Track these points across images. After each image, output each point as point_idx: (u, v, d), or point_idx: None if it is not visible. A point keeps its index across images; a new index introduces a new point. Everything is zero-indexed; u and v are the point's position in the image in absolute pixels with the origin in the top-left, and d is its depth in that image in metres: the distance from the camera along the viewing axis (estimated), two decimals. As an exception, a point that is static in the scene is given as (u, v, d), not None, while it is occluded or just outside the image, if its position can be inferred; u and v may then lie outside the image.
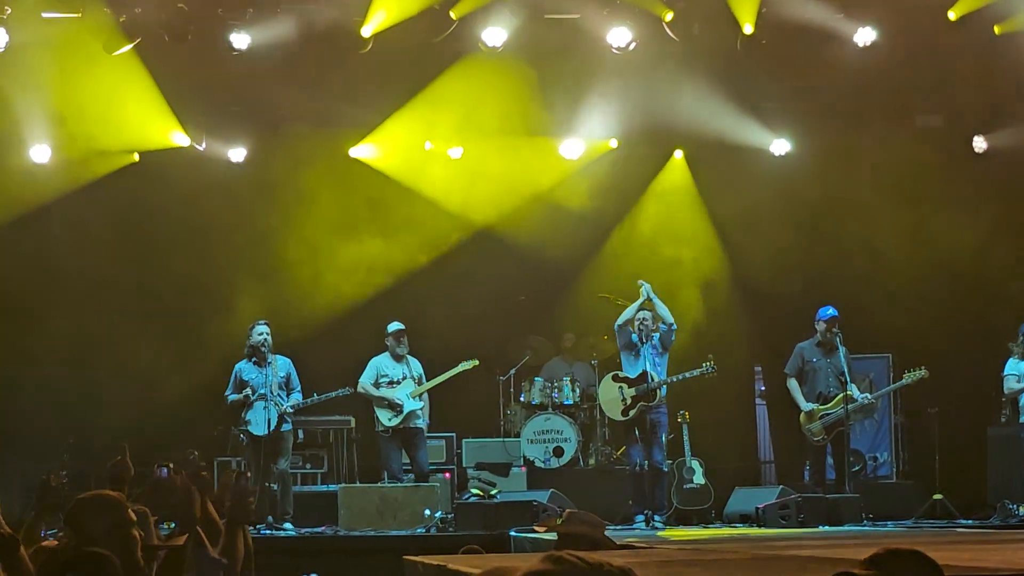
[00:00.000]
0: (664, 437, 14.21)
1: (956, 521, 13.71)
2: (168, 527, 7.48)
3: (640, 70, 14.87)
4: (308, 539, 13.23)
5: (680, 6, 14.33)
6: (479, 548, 8.82)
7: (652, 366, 14.07)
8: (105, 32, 14.17)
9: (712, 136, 15.99)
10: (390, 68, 15.00)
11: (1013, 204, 16.01)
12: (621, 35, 14.38)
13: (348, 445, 15.42)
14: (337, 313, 16.14)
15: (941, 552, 3.16)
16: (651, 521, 13.73)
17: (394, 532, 13.23)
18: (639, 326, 14.20)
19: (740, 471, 15.63)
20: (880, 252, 16.26)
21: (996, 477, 14.74)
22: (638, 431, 14.16)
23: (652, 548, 9.04)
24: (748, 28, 14.39)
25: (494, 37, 14.37)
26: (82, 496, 5.26)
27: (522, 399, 16.16)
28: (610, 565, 2.49)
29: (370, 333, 15.11)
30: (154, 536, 5.67)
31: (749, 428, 16.30)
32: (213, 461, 14.27)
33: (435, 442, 15.10)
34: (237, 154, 16.24)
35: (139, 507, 5.77)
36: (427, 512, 13.45)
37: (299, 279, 16.15)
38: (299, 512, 13.88)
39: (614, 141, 16.54)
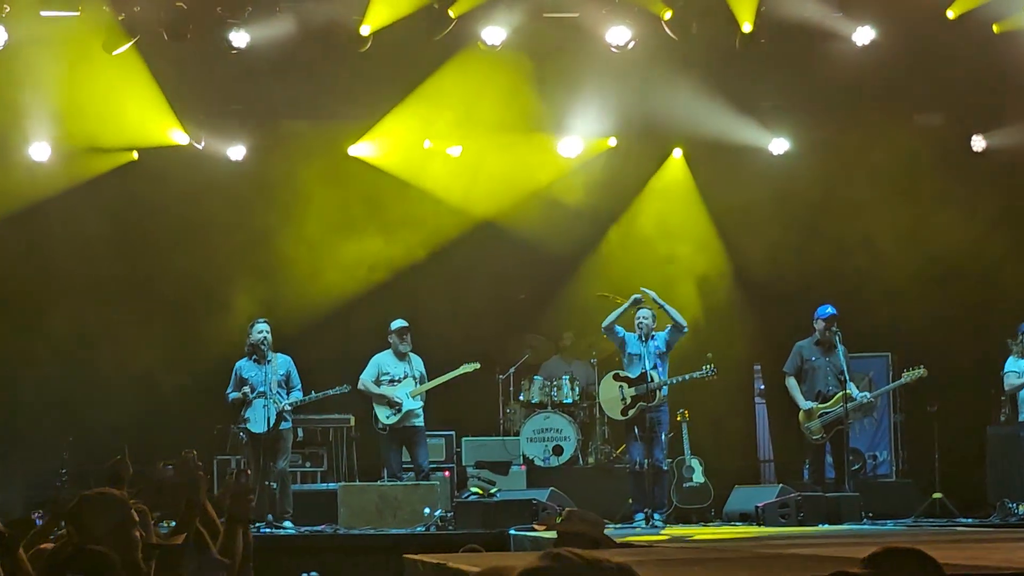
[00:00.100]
0: (664, 436, 14.21)
1: (955, 520, 13.71)
2: (167, 526, 7.47)
3: (639, 68, 14.87)
4: (308, 537, 13.24)
5: (679, 5, 14.32)
6: (480, 548, 8.82)
7: (653, 366, 14.06)
8: (104, 31, 14.17)
9: (711, 135, 15.99)
10: (389, 66, 15.00)
11: (1012, 203, 16.01)
12: (620, 34, 14.38)
13: (348, 444, 15.41)
14: (336, 310, 16.14)
15: (941, 551, 3.16)
16: (650, 520, 13.72)
17: (394, 530, 13.23)
18: (638, 325, 14.19)
19: (740, 470, 15.62)
20: (879, 251, 16.26)
21: (995, 476, 14.74)
22: (638, 430, 14.15)
23: (651, 547, 9.04)
24: (747, 27, 14.39)
25: (493, 35, 14.37)
26: (86, 494, 5.25)
27: (521, 398, 16.16)
28: (608, 562, 2.49)
29: (369, 331, 15.12)
30: (153, 535, 5.65)
31: (749, 427, 16.30)
32: (213, 460, 14.28)
33: (435, 440, 15.09)
34: (236, 152, 16.23)
35: (139, 506, 5.77)
36: (427, 511, 13.45)
37: (298, 277, 16.14)
38: (299, 511, 13.88)
39: (613, 139, 16.54)
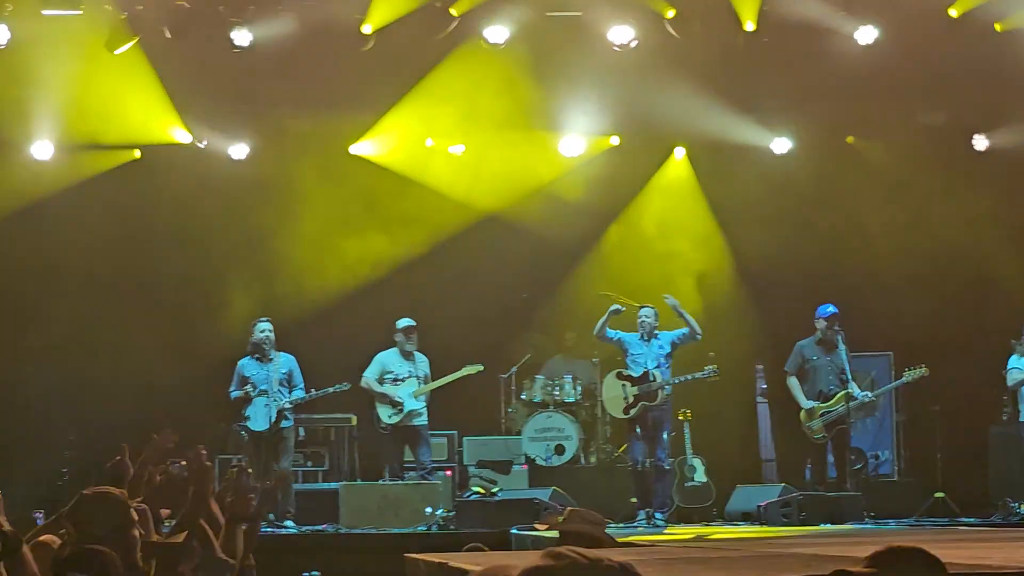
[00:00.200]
0: (667, 435, 14.20)
1: (958, 519, 13.70)
2: (168, 524, 7.47)
3: (641, 67, 14.86)
4: (309, 537, 13.24)
5: (682, 3, 14.32)
6: (483, 547, 8.80)
7: (656, 366, 14.05)
8: (107, 29, 14.17)
9: (713, 133, 15.98)
10: (391, 65, 15.00)
11: (1014, 202, 15.99)
12: (623, 33, 14.38)
13: (349, 443, 15.41)
14: (338, 308, 16.12)
15: (943, 550, 3.15)
16: (652, 519, 13.71)
17: (395, 530, 13.22)
18: (640, 323, 14.19)
19: (741, 469, 15.60)
20: (881, 250, 16.24)
21: (997, 475, 14.74)
22: (640, 429, 14.14)
23: (654, 546, 9.03)
24: (750, 25, 14.39)
25: (495, 34, 14.38)
26: (85, 493, 5.25)
27: (523, 397, 16.14)
28: (610, 561, 2.48)
29: (371, 329, 15.13)
30: (153, 534, 5.65)
31: (750, 426, 16.27)
32: (214, 459, 14.26)
33: (436, 440, 15.08)
34: (238, 151, 16.23)
35: (140, 505, 5.76)
36: (428, 510, 13.44)
37: (300, 275, 16.13)
38: (300, 510, 13.87)
39: (615, 138, 16.53)
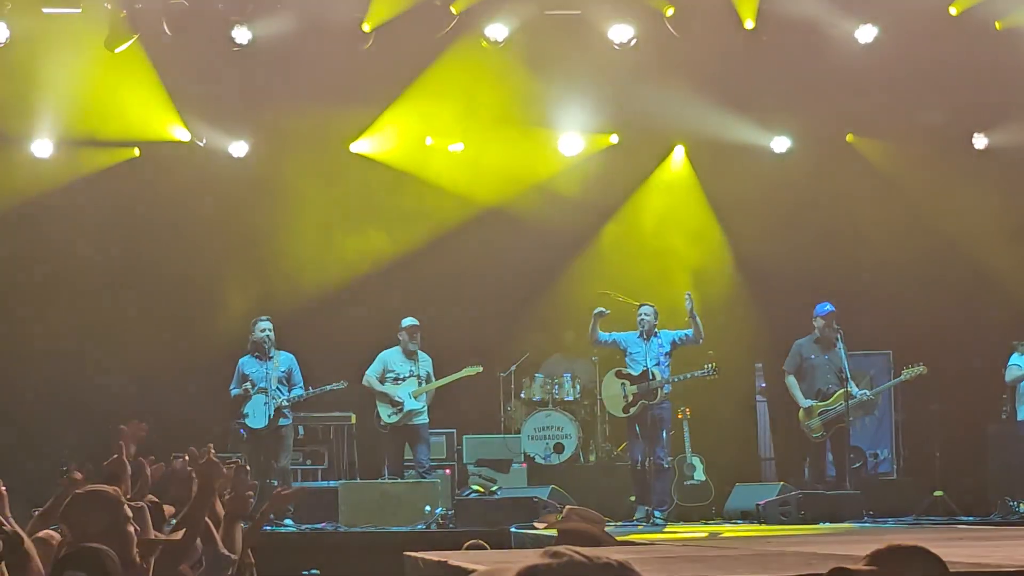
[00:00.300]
0: (666, 433, 14.20)
1: (957, 518, 13.70)
2: (170, 523, 7.47)
3: (641, 66, 14.86)
4: (309, 535, 13.23)
5: (681, 2, 14.32)
6: (484, 543, 8.80)
7: (656, 364, 14.05)
8: (106, 28, 14.16)
9: (712, 132, 15.97)
10: (391, 63, 15.00)
11: (1014, 201, 15.99)
12: (622, 31, 14.38)
13: (348, 441, 15.40)
14: (337, 306, 16.11)
15: (942, 549, 3.14)
16: (651, 517, 13.71)
17: (394, 528, 13.22)
18: (640, 321, 14.18)
19: (740, 468, 15.60)
20: (881, 249, 16.24)
21: (996, 474, 14.73)
22: (639, 428, 14.14)
23: (653, 544, 9.03)
24: (749, 24, 14.39)
25: (495, 32, 14.39)
26: (78, 492, 5.26)
27: (522, 395, 16.13)
28: (609, 559, 2.48)
29: (370, 327, 15.15)
30: (150, 531, 5.65)
31: (749, 425, 16.28)
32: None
33: (436, 438, 15.08)
34: (238, 149, 16.21)
35: (138, 503, 5.76)
36: (427, 508, 13.44)
37: (300, 274, 16.13)
38: (300, 508, 13.86)
39: (615, 136, 16.53)
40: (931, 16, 14.45)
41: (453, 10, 14.11)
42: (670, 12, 14.27)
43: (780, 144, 16.37)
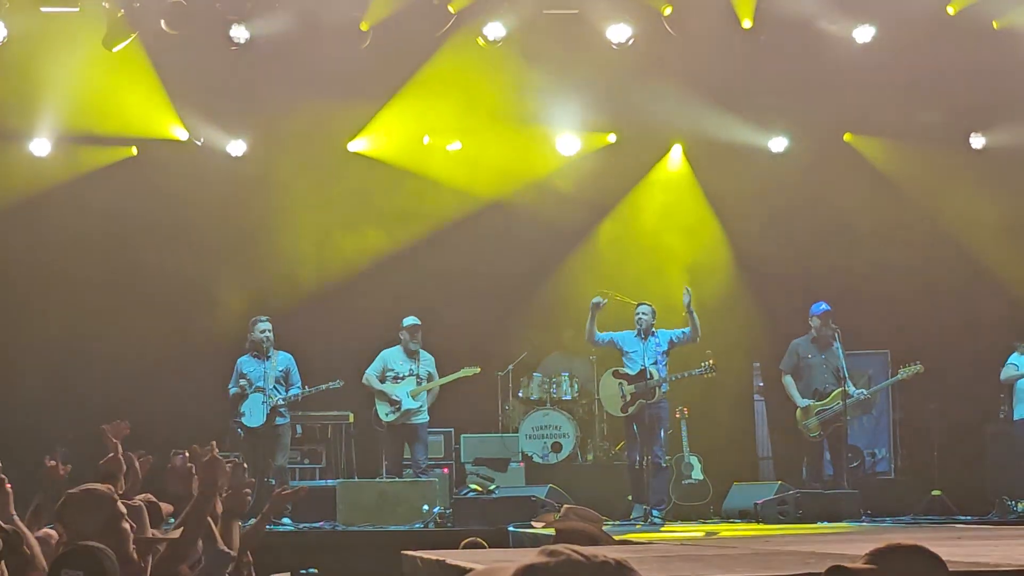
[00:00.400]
0: (664, 433, 14.19)
1: (954, 517, 13.70)
2: (169, 522, 7.46)
3: (639, 65, 14.86)
4: (306, 534, 13.22)
5: (679, 1, 14.31)
6: (482, 542, 8.80)
7: (653, 363, 14.04)
8: (104, 27, 14.15)
9: (710, 131, 15.98)
10: (389, 62, 15.00)
11: (1011, 200, 15.99)
12: (620, 31, 14.39)
13: (346, 440, 15.40)
14: (335, 305, 16.11)
15: (941, 548, 3.14)
16: (649, 516, 13.71)
17: (392, 527, 13.21)
18: (637, 320, 14.18)
19: (738, 467, 15.60)
20: (879, 248, 16.24)
21: (994, 473, 14.74)
22: (637, 427, 14.14)
23: (651, 543, 9.02)
24: (747, 23, 14.39)
25: (493, 31, 14.39)
26: (71, 492, 5.26)
27: (520, 395, 16.13)
28: (607, 558, 2.47)
29: (367, 325, 15.16)
30: (147, 529, 5.64)
31: (747, 424, 16.27)
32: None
33: (434, 437, 15.08)
34: (236, 148, 16.21)
35: (134, 502, 5.75)
36: (425, 507, 13.44)
37: (297, 273, 16.12)
38: (297, 507, 13.84)
39: (612, 136, 16.53)
40: (929, 16, 14.45)
41: (451, 9, 14.11)
42: (668, 11, 14.27)
43: (778, 143, 16.37)
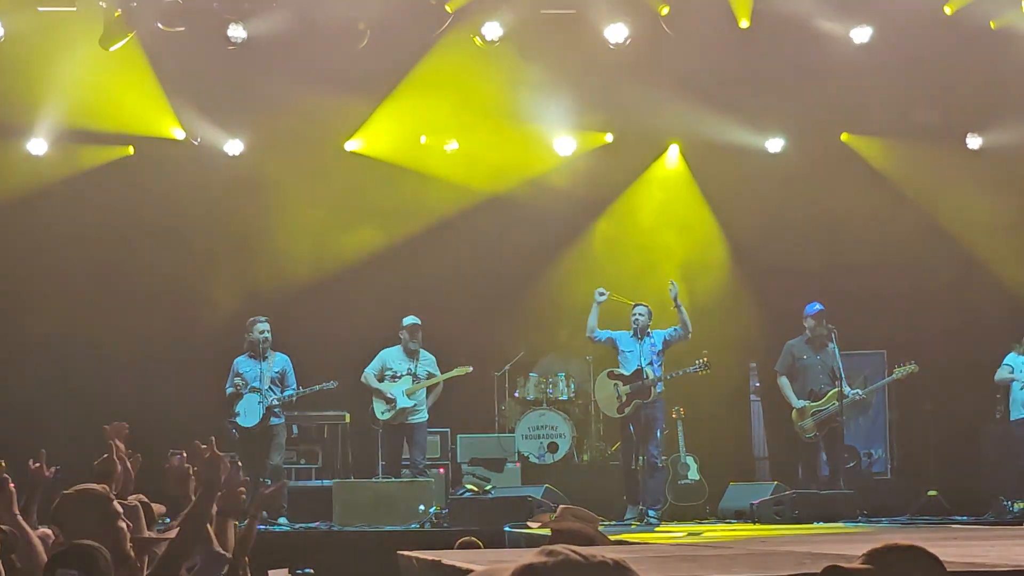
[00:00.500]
0: (660, 432, 14.19)
1: (951, 517, 13.70)
2: (163, 522, 7.44)
3: (636, 64, 14.86)
4: (302, 534, 13.22)
5: (676, 1, 14.31)
6: (476, 540, 8.79)
7: (648, 363, 14.04)
8: (101, 26, 14.14)
9: (707, 131, 15.98)
10: (386, 61, 14.99)
11: (1007, 200, 16.00)
12: (618, 31, 14.39)
13: (342, 440, 15.40)
14: (332, 304, 16.10)
15: (937, 548, 3.13)
16: (645, 516, 13.71)
17: (388, 527, 13.20)
18: (633, 321, 14.18)
19: (734, 467, 15.59)
20: (876, 248, 16.25)
21: (990, 473, 14.74)
22: (633, 427, 14.14)
23: (647, 544, 9.02)
24: (744, 23, 14.39)
25: (490, 31, 14.39)
26: (66, 492, 5.25)
27: (517, 395, 16.12)
28: (604, 558, 2.47)
29: (364, 324, 15.15)
30: (144, 529, 5.63)
31: (743, 424, 16.28)
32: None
33: (430, 438, 15.07)
34: (233, 147, 16.19)
35: (132, 502, 5.74)
36: (421, 507, 13.43)
37: (294, 272, 16.11)
38: (293, 507, 13.86)
39: (609, 135, 16.53)
40: (926, 16, 14.45)
41: (448, 9, 14.10)
42: (665, 11, 14.26)
43: (775, 143, 16.37)
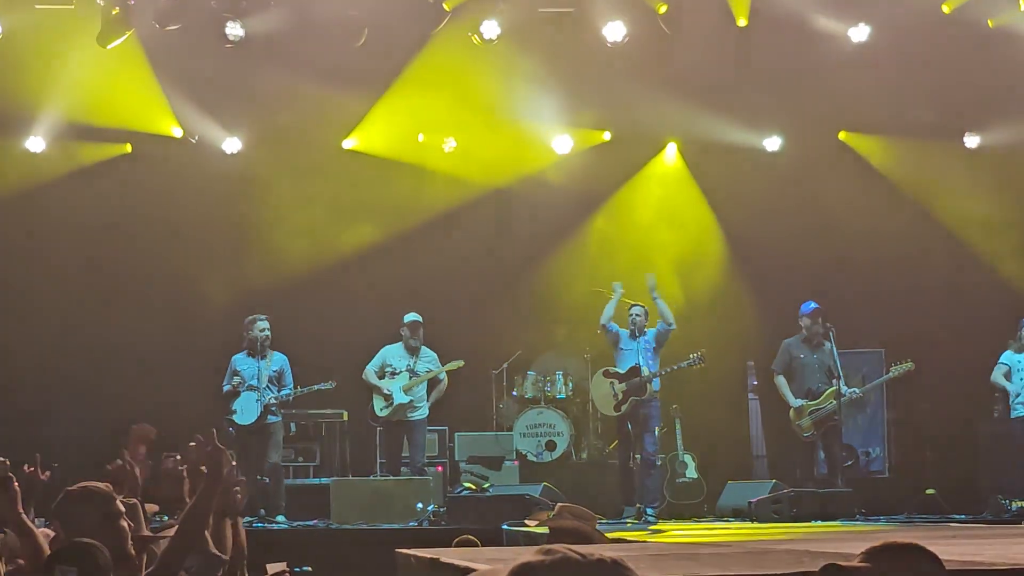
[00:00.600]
0: (656, 429, 14.19)
1: (948, 516, 13.70)
2: (160, 520, 7.45)
3: (634, 63, 14.86)
4: (300, 532, 13.21)
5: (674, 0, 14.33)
6: (474, 538, 8.78)
7: (645, 361, 14.04)
8: (99, 23, 14.14)
9: (704, 130, 15.98)
10: (384, 59, 14.99)
11: (1006, 199, 16.01)
12: (616, 29, 14.38)
13: (340, 438, 15.40)
14: (329, 302, 16.09)
15: (935, 547, 3.13)
16: (643, 515, 13.71)
17: (386, 525, 13.20)
18: (631, 320, 14.18)
19: (732, 465, 15.60)
20: (873, 247, 16.25)
21: (988, 472, 14.74)
22: (631, 425, 14.14)
23: (645, 542, 9.03)
24: (742, 22, 14.39)
25: (488, 29, 14.39)
26: (70, 488, 5.25)
27: (515, 393, 16.12)
28: (601, 556, 2.47)
29: (362, 324, 15.14)
30: (143, 527, 5.63)
31: (742, 422, 16.28)
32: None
33: (428, 436, 15.07)
34: (231, 145, 16.18)
35: (130, 501, 5.74)
36: (419, 505, 13.43)
37: (290, 269, 16.10)
38: (291, 505, 13.86)
39: (607, 133, 16.53)
40: (924, 14, 14.46)
41: (446, 7, 14.10)
42: (663, 10, 14.26)
43: (773, 142, 16.38)
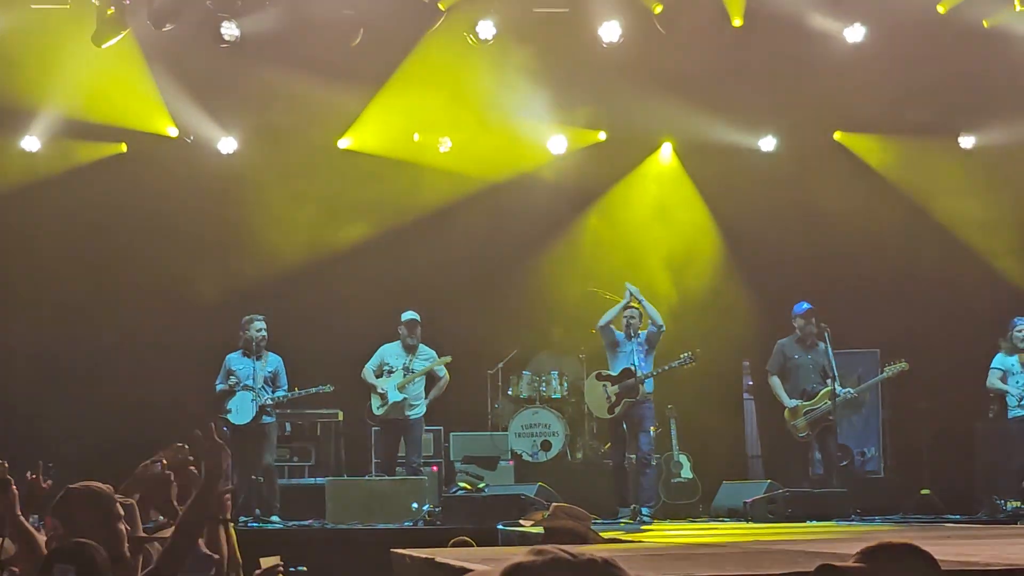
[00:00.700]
0: (651, 429, 14.19)
1: (944, 516, 13.71)
2: (154, 521, 7.43)
3: (629, 63, 14.86)
4: (295, 532, 13.21)
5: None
6: (470, 540, 8.78)
7: (638, 363, 14.04)
8: (94, 23, 14.13)
9: (700, 130, 15.99)
10: (379, 59, 14.98)
11: (1001, 200, 16.01)
12: (611, 29, 14.38)
13: (335, 438, 15.39)
14: (325, 301, 16.09)
15: (931, 547, 3.13)
16: (638, 515, 13.71)
17: (381, 525, 13.19)
18: (626, 323, 14.18)
19: (728, 465, 15.60)
20: (869, 247, 16.26)
21: (984, 472, 14.75)
22: (626, 426, 14.14)
23: (640, 542, 9.02)
24: (737, 22, 14.40)
25: (484, 29, 14.39)
26: (72, 487, 5.26)
27: (510, 393, 16.13)
28: (593, 556, 2.47)
29: (359, 323, 15.14)
30: (139, 528, 5.63)
31: (737, 422, 16.28)
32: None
33: (423, 435, 15.06)
34: (227, 145, 16.18)
35: (127, 500, 5.74)
36: (415, 505, 13.42)
37: (286, 269, 16.10)
38: (286, 505, 13.85)
39: (602, 134, 16.54)
40: (919, 14, 14.46)
41: (440, 6, 14.10)
42: (658, 10, 14.26)
43: (768, 142, 16.39)
